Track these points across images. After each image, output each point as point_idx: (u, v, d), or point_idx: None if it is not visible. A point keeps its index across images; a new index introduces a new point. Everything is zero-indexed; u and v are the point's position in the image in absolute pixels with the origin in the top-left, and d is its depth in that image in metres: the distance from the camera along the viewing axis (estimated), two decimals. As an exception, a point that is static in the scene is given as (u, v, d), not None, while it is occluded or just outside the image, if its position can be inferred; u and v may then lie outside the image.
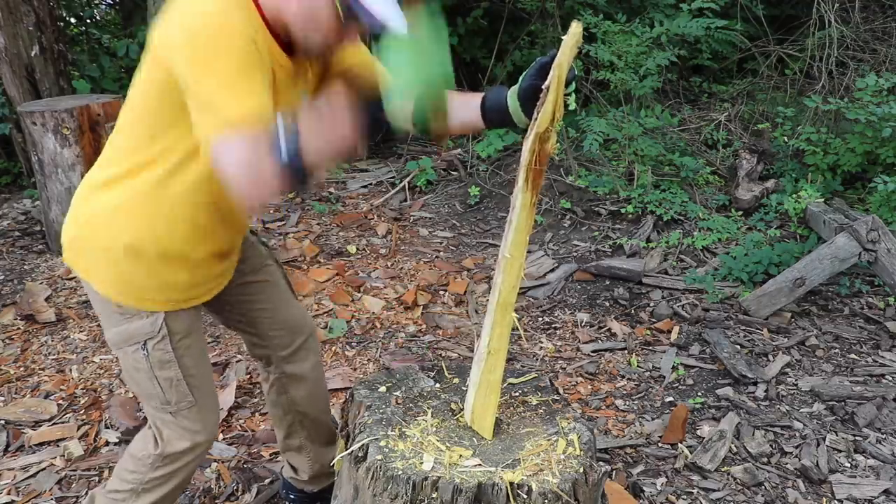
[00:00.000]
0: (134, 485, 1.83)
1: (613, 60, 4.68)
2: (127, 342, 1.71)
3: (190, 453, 1.80)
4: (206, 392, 1.81)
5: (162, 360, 1.71)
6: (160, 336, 1.70)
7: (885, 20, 5.61)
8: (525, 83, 1.53)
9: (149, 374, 1.72)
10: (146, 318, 1.68)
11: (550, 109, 1.40)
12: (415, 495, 1.42)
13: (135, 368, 1.74)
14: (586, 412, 2.86)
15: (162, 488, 1.83)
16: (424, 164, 5.20)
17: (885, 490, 2.43)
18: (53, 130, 3.99)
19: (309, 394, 2.10)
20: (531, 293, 3.80)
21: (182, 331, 1.73)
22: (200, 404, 1.78)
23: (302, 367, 2.06)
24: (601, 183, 4.69)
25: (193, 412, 1.77)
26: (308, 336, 2.06)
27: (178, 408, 1.76)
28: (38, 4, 4.99)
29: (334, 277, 3.90)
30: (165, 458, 1.79)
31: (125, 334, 1.71)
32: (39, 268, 4.01)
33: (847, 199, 4.48)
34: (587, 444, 1.56)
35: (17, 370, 3.08)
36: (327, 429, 2.18)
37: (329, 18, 1.47)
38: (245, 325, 2.00)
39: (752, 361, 3.13)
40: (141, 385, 1.76)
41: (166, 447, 1.78)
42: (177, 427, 1.78)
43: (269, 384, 2.10)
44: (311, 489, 2.24)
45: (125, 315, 1.69)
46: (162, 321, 1.69)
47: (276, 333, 2.00)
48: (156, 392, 1.74)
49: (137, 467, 1.82)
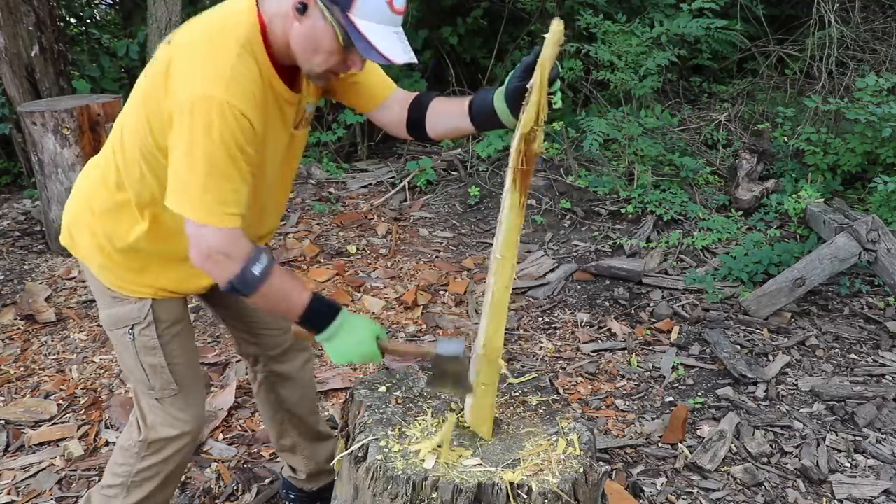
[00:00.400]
0: (124, 478, 1.85)
1: (613, 60, 4.68)
2: (116, 325, 1.77)
3: (175, 442, 1.82)
4: (191, 382, 1.84)
5: (147, 345, 1.76)
6: (146, 322, 1.74)
7: (885, 20, 5.61)
8: (511, 84, 1.53)
9: (135, 358, 1.77)
10: (134, 303, 1.74)
11: (534, 110, 1.40)
12: (415, 495, 1.42)
13: (122, 351, 1.79)
14: (586, 412, 2.86)
15: (151, 482, 1.85)
16: (424, 164, 5.20)
17: (885, 490, 2.43)
18: (53, 130, 3.99)
19: (296, 393, 2.11)
20: (531, 293, 3.80)
21: (169, 319, 1.77)
22: (185, 393, 1.82)
23: (290, 366, 2.07)
24: (601, 183, 4.69)
25: (178, 400, 1.81)
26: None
27: (162, 394, 1.80)
28: (38, 4, 4.99)
29: (334, 277, 3.90)
30: (151, 446, 1.82)
31: (115, 317, 1.76)
32: (39, 268, 4.01)
33: (847, 199, 4.48)
34: (587, 444, 1.56)
35: (17, 370, 3.07)
36: (316, 427, 2.19)
37: (330, 45, 1.48)
38: (236, 322, 2.02)
39: (752, 361, 3.13)
40: (128, 367, 1.81)
41: (150, 433, 1.81)
42: (162, 413, 1.81)
43: (258, 383, 2.11)
44: (311, 487, 2.25)
45: (116, 298, 1.75)
46: (149, 308, 1.74)
47: (267, 333, 2.02)
48: (141, 377, 1.79)
49: (126, 459, 1.85)
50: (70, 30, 6.32)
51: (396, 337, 3.37)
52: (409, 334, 3.40)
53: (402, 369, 1.86)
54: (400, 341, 1.64)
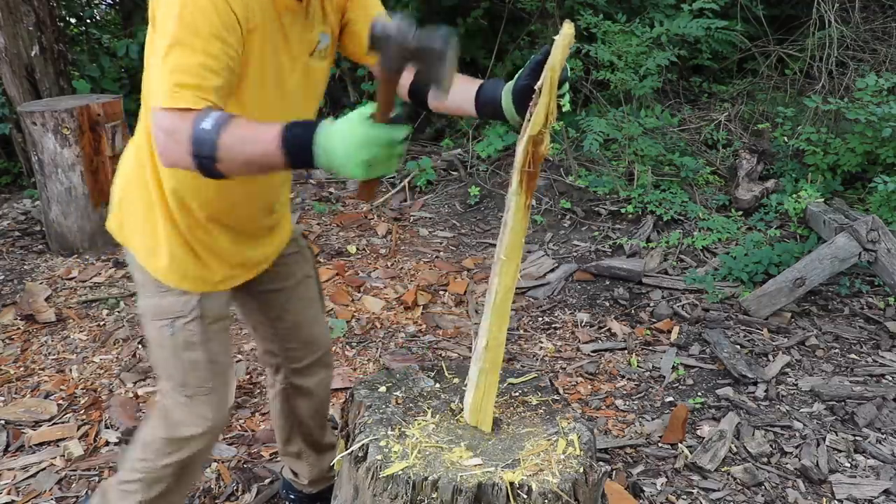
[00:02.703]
0: (144, 474, 1.80)
1: (613, 60, 4.67)
2: (156, 316, 1.69)
3: (199, 440, 1.77)
4: (225, 380, 1.79)
5: (189, 340, 1.69)
6: (191, 317, 1.68)
7: (885, 20, 5.61)
8: (519, 83, 1.50)
9: (172, 352, 1.70)
10: (181, 296, 1.67)
11: (543, 112, 1.39)
12: (415, 495, 1.42)
13: (159, 345, 1.72)
14: (586, 412, 2.86)
15: (172, 478, 1.80)
16: (424, 164, 5.20)
17: (885, 490, 2.43)
18: (53, 130, 3.99)
19: (311, 408, 2.10)
20: (531, 293, 3.80)
21: (214, 315, 1.71)
22: (218, 392, 1.76)
23: (310, 381, 2.05)
24: (601, 183, 4.69)
25: (210, 399, 1.74)
26: (323, 353, 2.05)
27: (194, 392, 1.73)
28: (38, 4, 4.98)
29: (334, 277, 3.90)
30: (174, 443, 1.76)
31: (157, 308, 1.69)
32: (39, 268, 4.01)
33: (847, 199, 4.48)
34: (587, 444, 1.56)
35: (17, 370, 3.07)
36: (322, 439, 2.18)
37: None
38: (265, 330, 1.99)
39: (752, 361, 3.13)
40: (162, 362, 1.74)
41: (175, 431, 1.75)
42: (189, 412, 1.74)
43: (275, 392, 2.09)
44: (311, 491, 2.25)
45: (160, 289, 1.67)
46: (196, 302, 1.68)
47: (294, 346, 1.99)
48: (175, 372, 1.72)
49: (146, 454, 1.80)
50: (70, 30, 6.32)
51: (397, 337, 3.38)
52: (409, 334, 3.40)
53: (403, 369, 1.86)
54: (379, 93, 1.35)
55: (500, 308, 1.53)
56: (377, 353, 3.25)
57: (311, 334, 2.00)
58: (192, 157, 1.32)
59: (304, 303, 1.97)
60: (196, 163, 1.33)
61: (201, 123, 1.30)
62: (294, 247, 1.94)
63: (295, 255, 1.95)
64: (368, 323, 3.48)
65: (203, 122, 1.30)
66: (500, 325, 1.55)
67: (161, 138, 1.35)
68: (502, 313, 1.54)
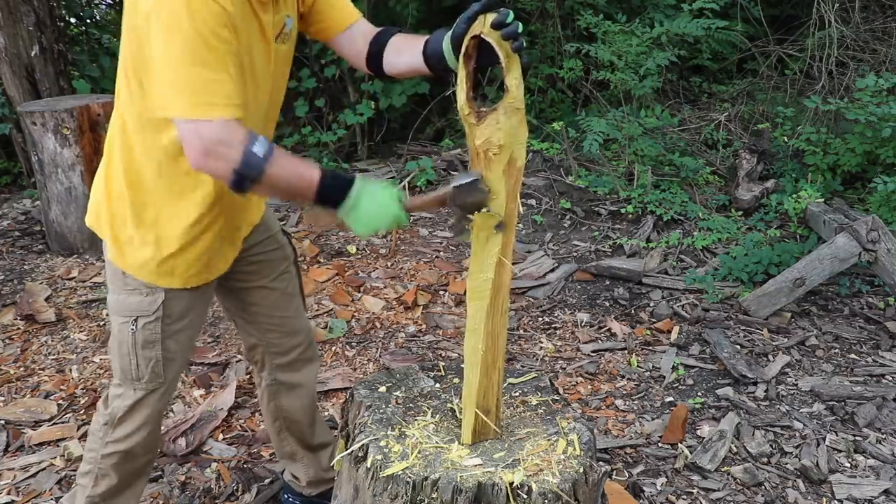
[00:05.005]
0: (91, 465, 1.84)
1: (613, 60, 4.67)
2: (119, 313, 1.73)
3: (140, 432, 1.79)
4: (177, 376, 1.83)
5: (147, 339, 1.72)
6: (154, 317, 1.71)
7: (885, 20, 5.61)
8: (458, 30, 1.53)
9: (130, 348, 1.73)
10: (147, 295, 1.69)
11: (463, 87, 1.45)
12: (415, 495, 1.42)
13: (119, 339, 1.75)
14: (586, 412, 2.86)
15: (115, 472, 1.82)
16: (424, 164, 5.19)
17: (885, 490, 2.42)
18: (53, 130, 3.99)
19: (297, 403, 2.10)
20: (531, 293, 3.80)
21: (177, 314, 1.73)
22: (167, 386, 1.80)
23: (295, 377, 2.06)
24: (601, 183, 4.69)
25: (156, 393, 1.78)
26: (306, 347, 2.06)
27: (145, 386, 1.76)
28: (38, 4, 4.98)
29: (334, 277, 3.90)
30: (112, 429, 1.79)
31: (121, 304, 1.72)
32: (39, 268, 4.01)
33: (847, 199, 4.48)
34: (587, 444, 1.56)
35: (17, 370, 3.07)
36: (313, 438, 2.18)
37: None
38: (247, 326, 2.01)
39: (752, 361, 3.13)
40: (118, 356, 1.76)
41: (115, 417, 1.78)
42: (133, 402, 1.77)
43: (262, 390, 2.11)
44: (311, 493, 2.25)
45: (127, 285, 1.70)
46: (161, 303, 1.70)
47: (277, 341, 2.01)
48: (130, 367, 1.75)
49: (92, 444, 1.84)
50: (70, 30, 6.31)
51: (397, 337, 3.38)
52: (409, 334, 3.40)
53: (403, 369, 1.86)
54: (418, 196, 1.56)
55: (495, 307, 1.53)
56: (377, 353, 3.25)
57: (294, 328, 2.02)
58: (235, 173, 1.41)
59: (285, 297, 1.99)
60: (235, 178, 1.42)
61: (252, 147, 1.40)
62: (273, 243, 1.96)
63: (275, 251, 1.96)
64: (368, 323, 3.48)
65: (254, 147, 1.40)
66: (500, 326, 1.55)
67: (198, 146, 1.40)
68: (501, 315, 1.54)
